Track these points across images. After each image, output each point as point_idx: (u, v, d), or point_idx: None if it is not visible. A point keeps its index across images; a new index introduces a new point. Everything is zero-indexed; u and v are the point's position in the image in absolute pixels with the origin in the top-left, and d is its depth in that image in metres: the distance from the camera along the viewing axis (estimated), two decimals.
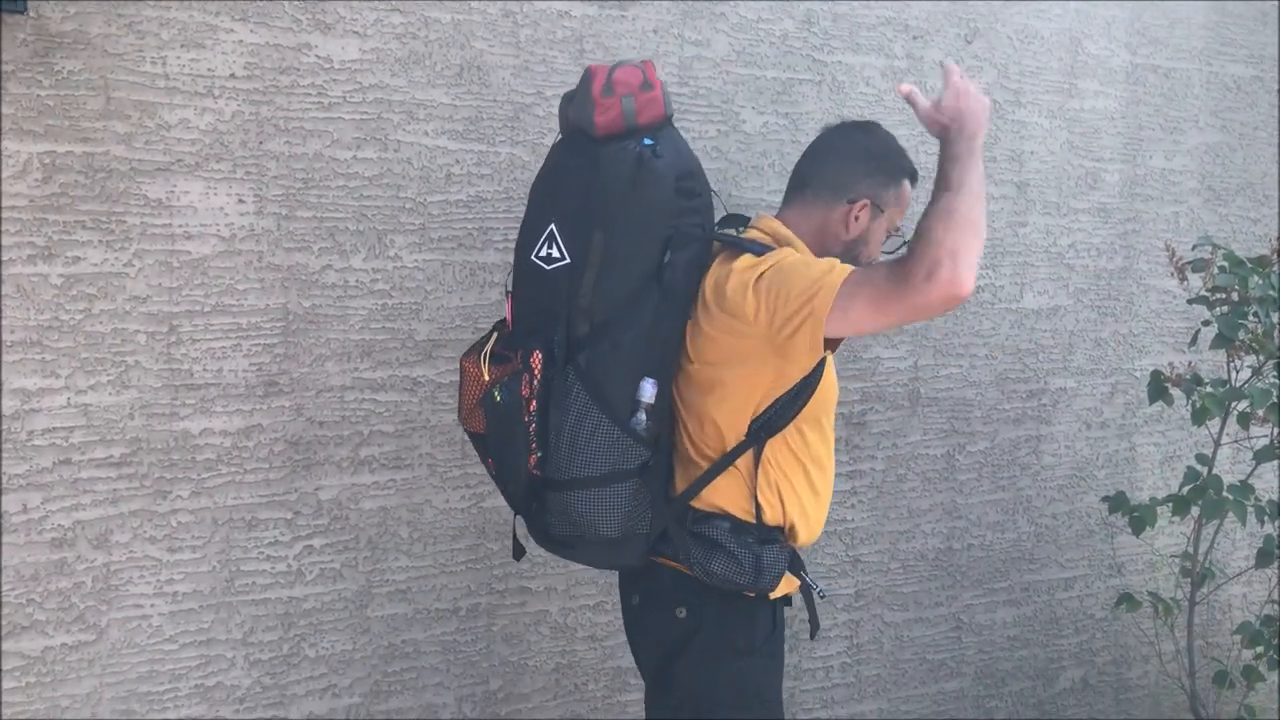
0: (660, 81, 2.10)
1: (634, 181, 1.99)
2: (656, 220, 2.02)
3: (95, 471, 2.36)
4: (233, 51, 2.42)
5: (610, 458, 2.01)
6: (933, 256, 1.84)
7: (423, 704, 2.69)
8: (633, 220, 2.00)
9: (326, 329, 2.54)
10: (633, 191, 1.99)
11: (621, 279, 2.01)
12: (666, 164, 2.01)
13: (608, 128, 2.05)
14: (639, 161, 1.98)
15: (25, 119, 2.26)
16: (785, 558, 2.09)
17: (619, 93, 2.04)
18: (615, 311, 2.01)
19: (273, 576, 2.53)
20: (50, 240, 2.29)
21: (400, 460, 2.63)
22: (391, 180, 2.58)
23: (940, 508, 3.33)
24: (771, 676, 2.18)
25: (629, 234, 2.01)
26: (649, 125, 2.06)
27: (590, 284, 2.02)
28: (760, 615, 2.11)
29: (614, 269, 2.01)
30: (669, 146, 2.05)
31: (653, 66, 2.11)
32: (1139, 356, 3.62)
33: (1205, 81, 3.69)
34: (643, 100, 2.05)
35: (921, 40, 3.21)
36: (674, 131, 2.12)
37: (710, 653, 2.09)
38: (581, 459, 2.01)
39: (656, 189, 2.00)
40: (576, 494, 2.03)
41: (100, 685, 2.39)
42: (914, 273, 1.84)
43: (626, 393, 2.01)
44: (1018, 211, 3.39)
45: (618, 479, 2.02)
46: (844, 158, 2.20)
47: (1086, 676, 3.61)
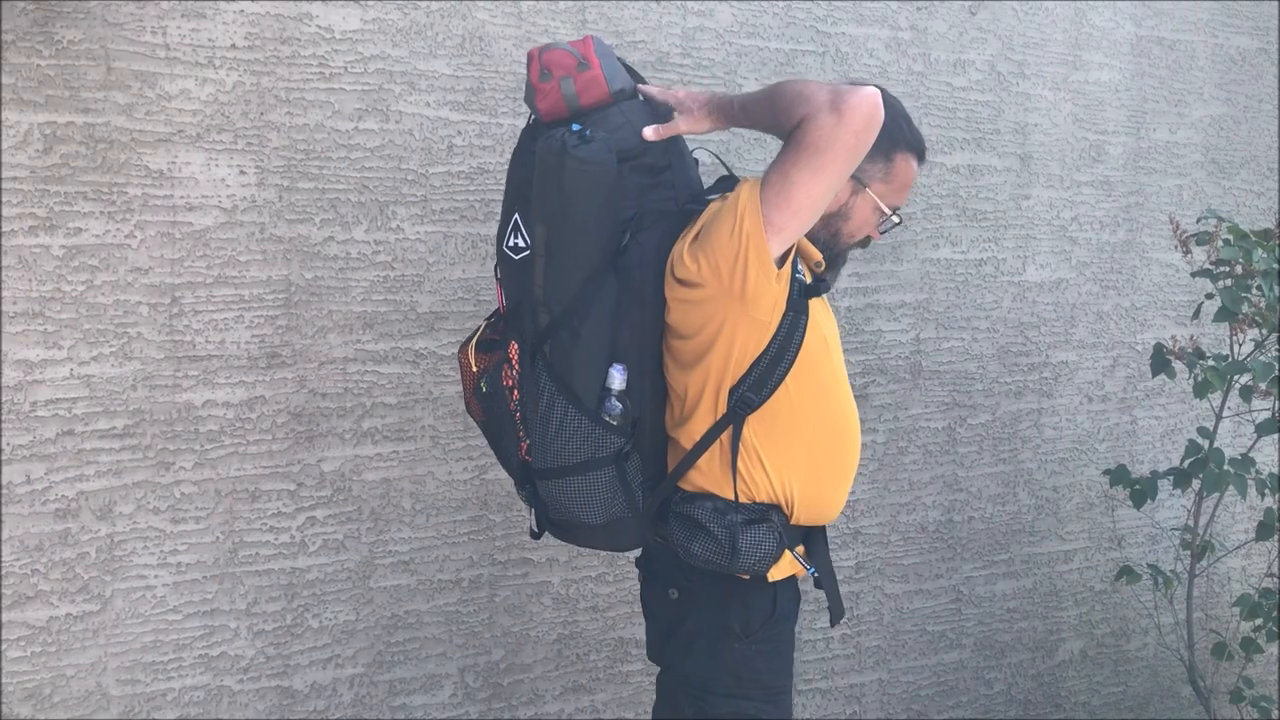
0: (599, 59, 1.97)
1: (559, 172, 1.88)
2: (599, 205, 1.91)
3: (98, 443, 2.36)
4: (233, 21, 2.41)
5: (583, 447, 1.95)
6: (820, 100, 1.81)
7: (425, 674, 2.71)
8: (567, 209, 1.90)
9: (329, 301, 2.54)
10: (560, 181, 1.88)
11: (569, 269, 1.93)
12: (597, 148, 1.88)
13: (552, 114, 1.98)
14: (561, 149, 1.87)
15: (26, 89, 2.25)
16: (773, 538, 1.98)
17: (556, 75, 1.96)
18: (571, 301, 1.93)
19: (276, 547, 2.54)
20: (51, 211, 2.29)
21: (403, 432, 2.63)
22: (393, 152, 2.57)
23: (941, 480, 3.33)
24: (773, 661, 2.06)
25: (566, 224, 1.91)
26: (594, 105, 1.96)
27: (541, 274, 1.95)
28: (756, 598, 2.02)
29: (558, 260, 1.93)
30: (615, 124, 1.95)
31: (591, 42, 2.00)
32: (1141, 330, 3.62)
33: (1210, 54, 3.67)
34: (582, 81, 1.95)
35: (925, 11, 3.19)
36: (630, 106, 2.00)
37: (704, 635, 2.03)
38: (555, 448, 1.96)
39: (589, 176, 1.88)
40: (556, 482, 1.99)
41: (105, 655, 2.40)
42: (823, 124, 1.81)
43: (593, 382, 1.95)
44: (1021, 184, 3.38)
45: (593, 468, 1.96)
46: None
47: (1086, 648, 3.63)
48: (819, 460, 2.04)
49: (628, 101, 2.00)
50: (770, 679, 2.06)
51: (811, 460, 2.03)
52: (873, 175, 2.05)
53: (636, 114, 2.00)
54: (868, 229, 2.09)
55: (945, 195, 3.25)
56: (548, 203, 1.92)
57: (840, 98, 1.81)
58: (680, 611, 2.06)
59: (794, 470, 2.00)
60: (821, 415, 2.03)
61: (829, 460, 2.06)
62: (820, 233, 2.04)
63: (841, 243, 2.09)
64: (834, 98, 1.81)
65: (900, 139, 2.05)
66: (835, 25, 3.07)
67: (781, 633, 2.08)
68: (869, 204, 2.06)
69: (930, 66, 3.22)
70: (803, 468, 2.02)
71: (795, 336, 1.95)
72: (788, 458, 2.00)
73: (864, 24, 3.11)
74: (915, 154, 2.08)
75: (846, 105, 1.81)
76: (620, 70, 2.02)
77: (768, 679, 2.05)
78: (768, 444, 1.98)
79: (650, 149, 1.98)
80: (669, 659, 2.11)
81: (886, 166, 2.05)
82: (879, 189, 2.06)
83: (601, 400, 1.96)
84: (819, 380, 2.02)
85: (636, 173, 1.97)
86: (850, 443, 2.10)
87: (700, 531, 1.97)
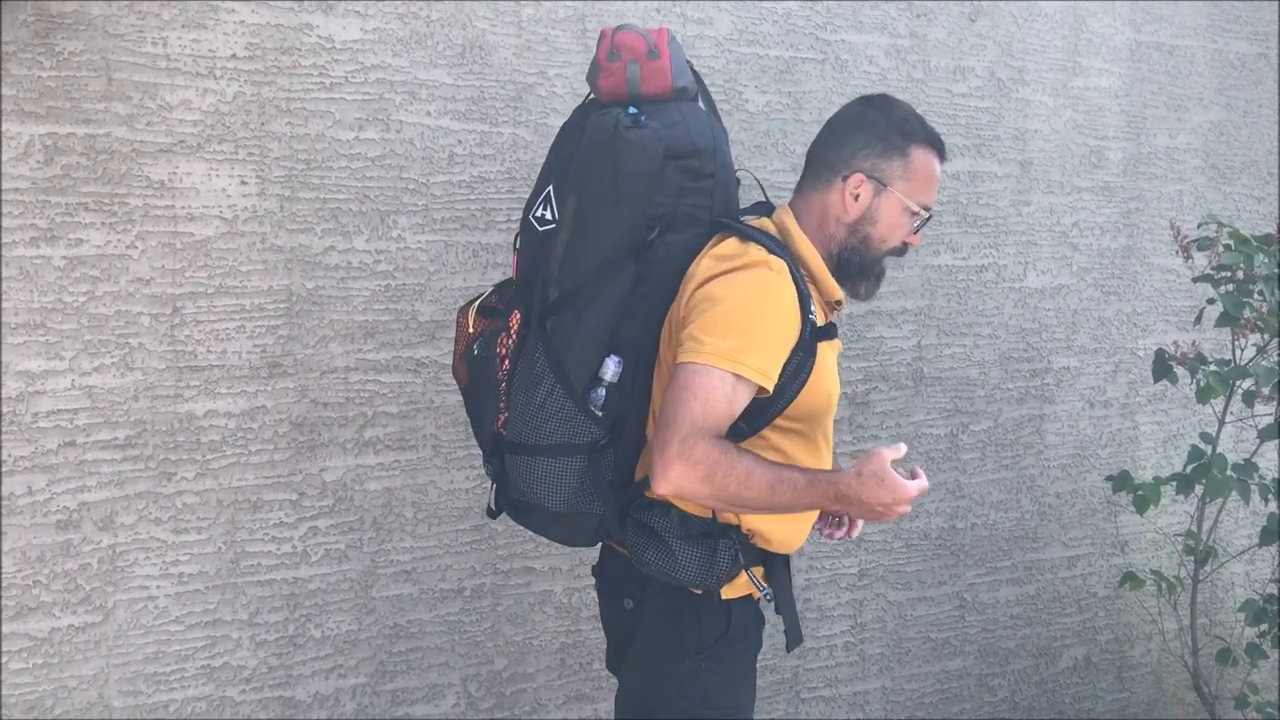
0: (670, 51, 1.98)
1: (608, 149, 1.89)
2: (636, 192, 1.90)
3: (100, 453, 2.36)
4: (234, 32, 2.41)
5: (560, 430, 1.91)
6: (670, 455, 1.80)
7: (428, 684, 2.70)
8: (605, 188, 1.90)
9: (330, 310, 2.54)
10: (606, 159, 1.89)
11: (591, 248, 1.92)
12: (647, 135, 1.89)
13: (611, 93, 1.99)
14: (615, 129, 1.88)
15: (27, 100, 2.25)
16: (728, 555, 1.92)
17: (624, 58, 1.97)
18: (584, 280, 1.92)
19: (278, 557, 2.53)
20: (53, 222, 2.29)
21: (404, 441, 2.63)
22: (394, 161, 2.57)
23: (943, 487, 3.33)
24: (724, 682, 1.99)
25: (601, 202, 1.91)
26: (655, 96, 1.97)
27: (561, 248, 1.95)
28: (709, 614, 1.97)
29: (583, 236, 1.92)
30: (671, 120, 1.95)
31: (666, 35, 1.99)
32: (1142, 335, 3.62)
33: (1209, 59, 3.68)
34: (649, 70, 1.96)
35: (925, 18, 3.20)
36: (689, 106, 2.00)
37: (654, 648, 2.00)
38: (531, 425, 1.92)
39: (634, 160, 1.88)
40: (524, 459, 1.95)
41: (107, 666, 2.39)
42: (659, 451, 1.82)
43: (586, 366, 1.92)
44: (1021, 190, 3.38)
45: (565, 452, 1.92)
46: (839, 132, 2.06)
47: (1089, 655, 3.62)
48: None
49: (688, 102, 2.01)
50: (720, 699, 1.99)
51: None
52: (891, 174, 2.02)
53: (693, 116, 2.00)
54: (900, 232, 2.05)
55: (946, 202, 3.25)
56: (587, 177, 1.92)
57: (665, 481, 1.82)
58: (633, 623, 2.03)
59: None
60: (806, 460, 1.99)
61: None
62: (849, 240, 2.03)
63: (874, 249, 2.04)
64: (666, 478, 1.81)
65: (912, 133, 2.03)
66: (835, 32, 3.07)
67: (735, 654, 2.01)
68: (895, 204, 2.02)
69: (930, 73, 3.22)
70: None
71: (800, 376, 1.92)
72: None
73: (863, 31, 3.12)
74: (932, 148, 2.05)
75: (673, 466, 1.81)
76: (687, 70, 2.02)
77: (717, 698, 1.98)
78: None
79: (698, 153, 1.97)
80: (623, 671, 2.08)
81: (904, 163, 2.02)
82: (902, 187, 2.02)
83: (591, 387, 1.93)
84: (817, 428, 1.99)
85: (680, 173, 1.96)
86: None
87: (654, 540, 1.93)
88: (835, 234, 2.03)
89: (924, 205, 2.05)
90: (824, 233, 2.03)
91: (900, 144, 2.01)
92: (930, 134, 2.05)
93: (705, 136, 1.99)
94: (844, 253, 2.03)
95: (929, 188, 2.05)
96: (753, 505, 1.85)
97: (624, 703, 2.07)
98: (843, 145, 2.03)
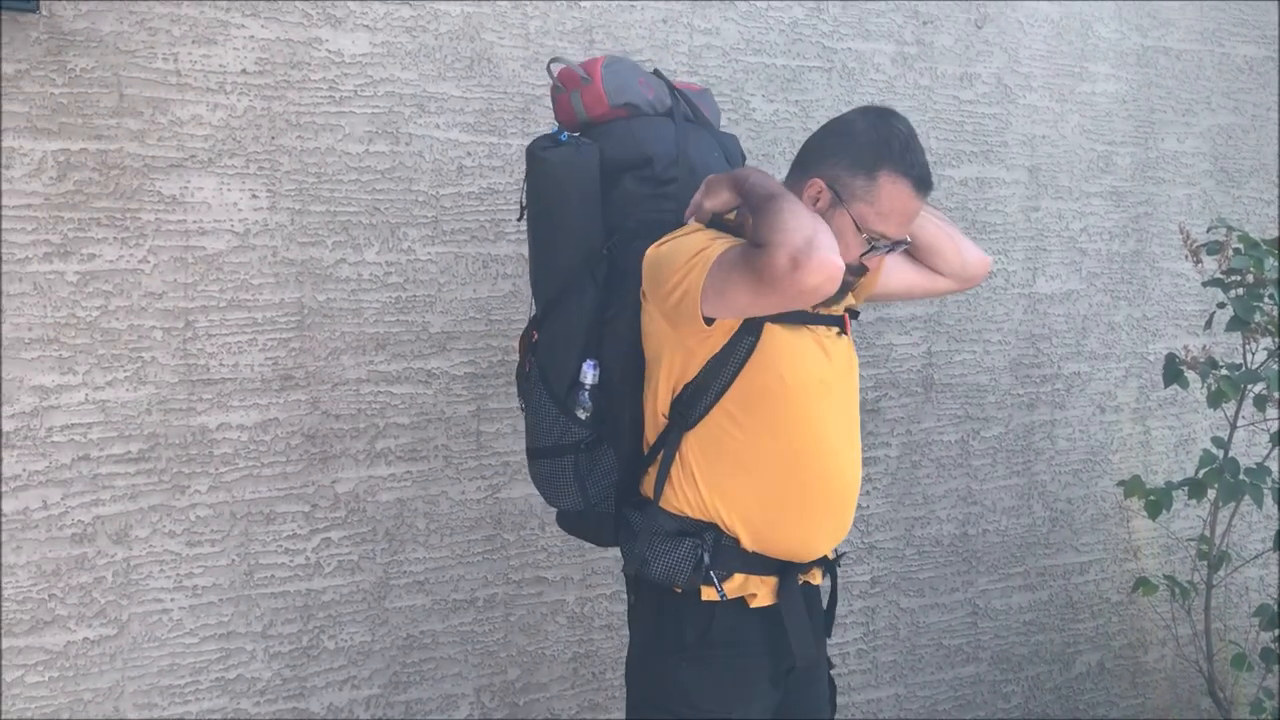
0: (602, 75, 2.06)
1: (530, 170, 2.01)
2: (572, 205, 1.98)
3: (114, 467, 2.37)
4: (244, 47, 2.43)
5: (550, 432, 2.05)
6: (791, 243, 1.72)
7: (441, 694, 2.70)
8: (539, 212, 2.01)
9: (341, 322, 2.55)
10: (531, 180, 2.01)
11: (546, 265, 2.04)
12: (568, 153, 1.97)
13: (568, 124, 2.10)
14: (529, 153, 2.00)
15: (39, 117, 2.27)
16: (693, 556, 1.94)
17: (568, 89, 2.09)
18: (554, 296, 2.03)
19: (291, 569, 2.54)
20: (66, 238, 2.30)
21: (416, 452, 2.64)
22: (404, 173, 2.58)
23: (955, 493, 3.33)
24: (706, 684, 1.98)
25: (537, 225, 2.03)
26: (601, 118, 2.06)
27: (530, 269, 2.10)
28: (689, 614, 1.98)
29: (535, 256, 2.06)
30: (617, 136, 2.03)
31: (600, 61, 2.08)
32: (1152, 340, 3.61)
33: (1216, 63, 3.67)
34: (588, 96, 2.06)
35: (931, 26, 3.20)
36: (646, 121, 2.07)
37: (643, 645, 2.06)
38: (531, 428, 2.08)
39: (553, 178, 1.98)
40: (534, 462, 2.10)
41: (122, 679, 2.40)
42: (777, 264, 1.73)
43: (566, 374, 2.03)
44: (1030, 196, 3.38)
45: (559, 453, 2.06)
46: (825, 133, 1.99)
47: (1103, 660, 3.61)
48: (771, 496, 1.97)
49: (643, 117, 2.08)
50: (700, 700, 1.98)
51: (758, 493, 1.97)
52: (852, 192, 1.91)
53: (645, 129, 2.06)
54: (851, 251, 1.92)
55: (954, 208, 3.25)
56: (528, 200, 2.06)
57: (806, 253, 1.72)
58: (630, 619, 2.13)
59: (732, 498, 1.96)
60: (779, 453, 1.96)
61: (786, 497, 1.97)
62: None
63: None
64: (801, 249, 1.72)
65: (887, 157, 1.90)
66: (841, 41, 3.08)
67: (718, 656, 1.99)
68: (846, 223, 1.91)
69: (937, 80, 3.22)
70: (746, 498, 1.97)
71: (733, 359, 1.91)
72: (728, 484, 1.96)
73: (870, 39, 3.12)
74: (907, 177, 1.91)
75: (806, 264, 1.72)
76: (632, 88, 2.08)
77: (696, 699, 1.97)
78: (705, 465, 1.97)
79: (651, 162, 2.04)
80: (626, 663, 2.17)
81: (868, 185, 1.90)
82: (859, 209, 1.91)
83: (575, 393, 2.03)
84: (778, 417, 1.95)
85: (638, 182, 2.04)
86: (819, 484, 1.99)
87: (630, 537, 2.04)
88: None
89: (880, 234, 1.93)
90: None
91: (870, 163, 1.90)
92: (911, 163, 1.91)
93: (658, 144, 2.05)
94: None
95: (892, 219, 1.92)
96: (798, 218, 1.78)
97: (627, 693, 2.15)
98: (820, 147, 1.98)
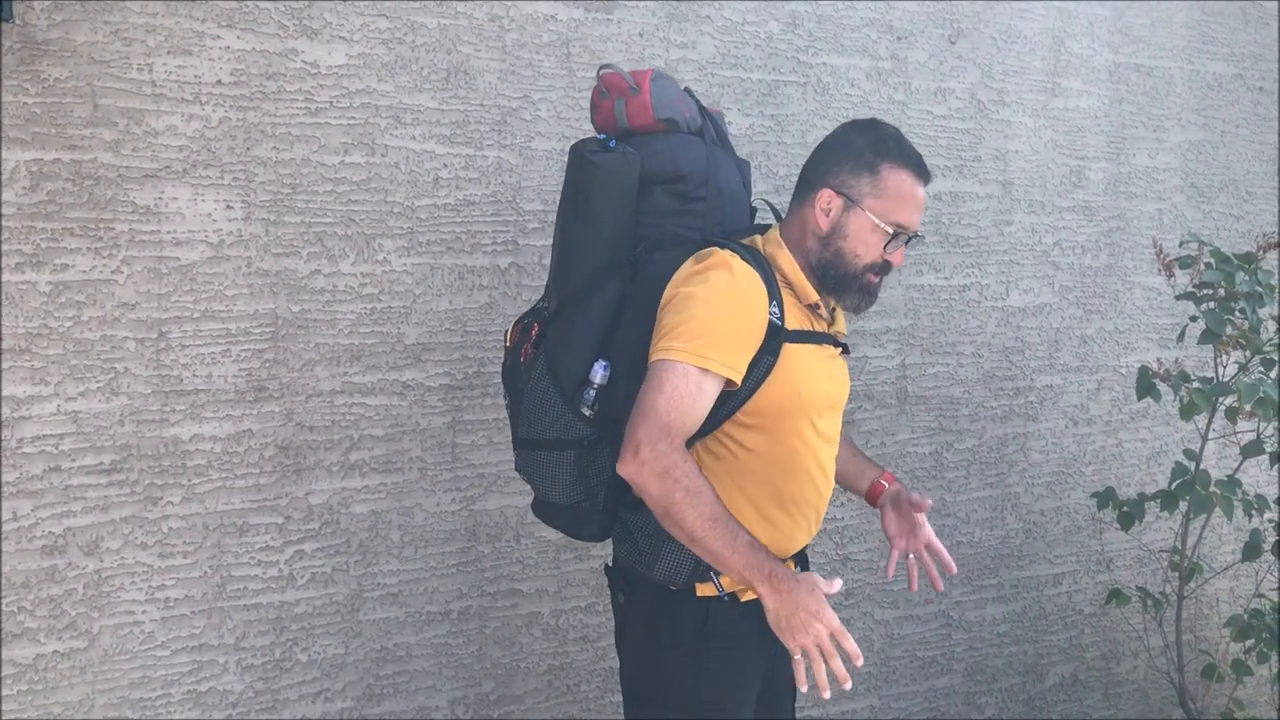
0: (651, 88, 2.10)
1: (577, 171, 2.03)
2: (611, 210, 2.02)
3: (86, 478, 2.36)
4: (219, 58, 2.42)
5: (553, 426, 2.06)
6: (635, 439, 1.88)
7: (415, 707, 2.69)
8: (577, 208, 2.03)
9: (315, 333, 2.54)
10: (576, 179, 2.03)
11: (573, 264, 2.05)
12: (613, 159, 2.00)
13: (604, 129, 2.14)
14: (578, 154, 2.02)
15: (12, 126, 2.26)
16: (693, 557, 2.00)
17: (612, 96, 2.12)
18: (572, 293, 2.05)
19: (264, 581, 2.53)
20: (38, 248, 2.29)
21: (390, 464, 2.63)
22: (379, 185, 2.58)
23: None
24: (705, 677, 2.05)
25: (574, 220, 2.04)
26: (643, 129, 2.10)
27: (552, 264, 2.12)
28: (685, 610, 2.05)
29: (564, 255, 2.07)
30: (656, 149, 2.06)
31: (649, 74, 2.13)
32: (1125, 353, 3.64)
33: (1187, 80, 3.72)
34: (633, 105, 2.10)
35: (905, 41, 3.23)
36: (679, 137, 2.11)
37: (640, 641, 2.11)
38: (529, 420, 2.08)
39: (600, 181, 2.00)
40: (531, 454, 2.11)
41: (93, 692, 2.39)
42: (627, 436, 1.90)
43: (575, 370, 2.05)
44: (1003, 210, 3.41)
45: (559, 447, 2.07)
46: (821, 151, 2.15)
47: (1076, 672, 3.63)
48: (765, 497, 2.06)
49: (679, 134, 2.12)
50: (701, 693, 2.04)
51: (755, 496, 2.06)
52: (860, 191, 2.07)
53: (681, 145, 2.11)
54: (872, 249, 2.09)
55: (928, 222, 3.27)
56: (565, 199, 2.07)
57: (634, 462, 1.89)
58: (624, 617, 2.15)
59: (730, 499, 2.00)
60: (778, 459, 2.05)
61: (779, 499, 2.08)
62: (823, 253, 2.09)
63: (847, 263, 2.09)
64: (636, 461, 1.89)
65: (885, 152, 2.08)
66: (816, 55, 3.10)
67: (714, 649, 2.05)
68: (863, 221, 2.07)
69: (911, 95, 3.25)
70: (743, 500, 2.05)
71: (751, 378, 1.99)
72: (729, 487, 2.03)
73: (845, 54, 3.14)
74: (907, 167, 2.08)
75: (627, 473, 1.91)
76: (674, 105, 2.13)
77: (696, 692, 2.04)
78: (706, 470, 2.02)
79: (684, 178, 2.09)
80: (620, 660, 2.19)
81: (873, 180, 2.07)
82: (871, 204, 2.07)
83: (582, 390, 2.05)
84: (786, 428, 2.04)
85: (667, 196, 2.08)
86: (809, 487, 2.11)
87: (627, 536, 2.08)
88: (811, 247, 2.11)
89: (896, 224, 2.08)
90: (802, 245, 2.12)
91: (871, 161, 2.07)
92: (907, 155, 2.09)
93: (693, 163, 2.10)
94: (820, 265, 2.10)
95: (901, 206, 2.08)
96: (687, 528, 1.89)
97: (623, 690, 2.16)
98: (820, 163, 2.13)
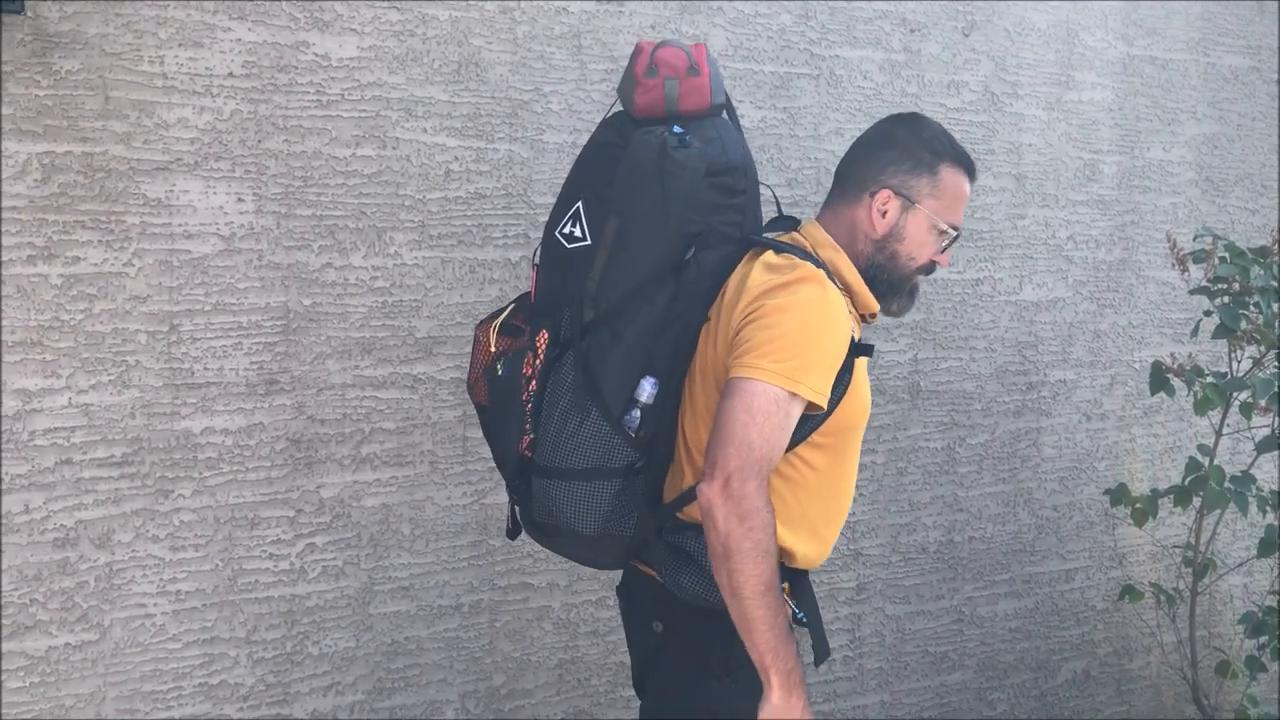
0: (709, 68, 1.99)
1: (654, 169, 1.87)
2: (677, 212, 1.90)
3: (97, 471, 2.36)
4: (231, 50, 2.42)
5: (595, 453, 1.89)
6: (727, 470, 1.77)
7: (426, 701, 2.69)
8: (649, 209, 1.89)
9: (327, 327, 2.54)
10: (652, 180, 1.88)
11: (631, 268, 1.90)
12: (694, 155, 1.89)
13: (647, 110, 1.98)
14: (662, 149, 1.87)
15: (24, 119, 2.26)
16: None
17: (662, 74, 1.96)
18: (621, 301, 1.90)
19: (275, 574, 2.53)
20: (50, 240, 2.29)
21: (401, 457, 2.63)
22: (390, 178, 2.58)
23: (941, 500, 3.33)
24: (753, 702, 1.87)
25: (643, 223, 1.90)
26: (692, 113, 1.96)
27: (600, 269, 1.92)
28: (734, 635, 1.86)
29: (624, 256, 1.91)
30: (708, 137, 1.94)
31: (704, 50, 2.00)
32: (1138, 348, 3.63)
33: (1202, 73, 3.69)
34: (687, 86, 1.96)
35: (919, 33, 3.21)
36: (722, 122, 2.00)
37: (682, 670, 1.96)
38: (566, 449, 1.90)
39: (678, 180, 1.88)
40: (557, 484, 1.92)
41: (104, 684, 2.39)
42: (718, 463, 1.78)
43: (623, 388, 1.91)
44: (1016, 204, 3.39)
45: (600, 476, 1.90)
46: (869, 149, 2.06)
47: (1088, 668, 3.62)
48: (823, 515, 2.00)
49: (721, 119, 2.00)
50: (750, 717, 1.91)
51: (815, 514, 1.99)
52: (920, 191, 2.01)
53: (728, 133, 1.99)
54: (928, 250, 2.04)
55: None
56: (632, 197, 1.90)
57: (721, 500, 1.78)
58: (661, 645, 2.00)
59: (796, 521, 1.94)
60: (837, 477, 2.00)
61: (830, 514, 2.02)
62: (876, 256, 2.02)
63: (902, 266, 2.03)
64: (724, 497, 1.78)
65: (941, 151, 2.03)
66: (829, 48, 3.09)
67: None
68: (923, 222, 2.02)
69: (924, 88, 3.23)
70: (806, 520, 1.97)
71: (836, 392, 1.90)
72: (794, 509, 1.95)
73: (858, 46, 3.13)
74: (961, 167, 2.05)
75: (709, 506, 1.79)
76: (723, 85, 2.02)
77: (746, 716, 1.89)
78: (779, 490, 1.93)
79: (733, 170, 1.97)
80: (650, 692, 2.05)
81: (933, 181, 2.02)
82: (930, 205, 2.02)
83: (626, 409, 1.91)
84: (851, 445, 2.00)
85: (715, 191, 1.95)
86: (847, 499, 2.07)
87: (690, 563, 1.90)
88: (863, 250, 2.02)
89: (952, 224, 2.04)
90: (853, 249, 2.03)
91: (930, 161, 2.02)
92: (960, 153, 2.05)
93: (739, 153, 1.99)
94: (872, 269, 2.02)
95: (957, 207, 2.05)
96: (737, 582, 1.78)
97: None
98: (872, 162, 2.03)
